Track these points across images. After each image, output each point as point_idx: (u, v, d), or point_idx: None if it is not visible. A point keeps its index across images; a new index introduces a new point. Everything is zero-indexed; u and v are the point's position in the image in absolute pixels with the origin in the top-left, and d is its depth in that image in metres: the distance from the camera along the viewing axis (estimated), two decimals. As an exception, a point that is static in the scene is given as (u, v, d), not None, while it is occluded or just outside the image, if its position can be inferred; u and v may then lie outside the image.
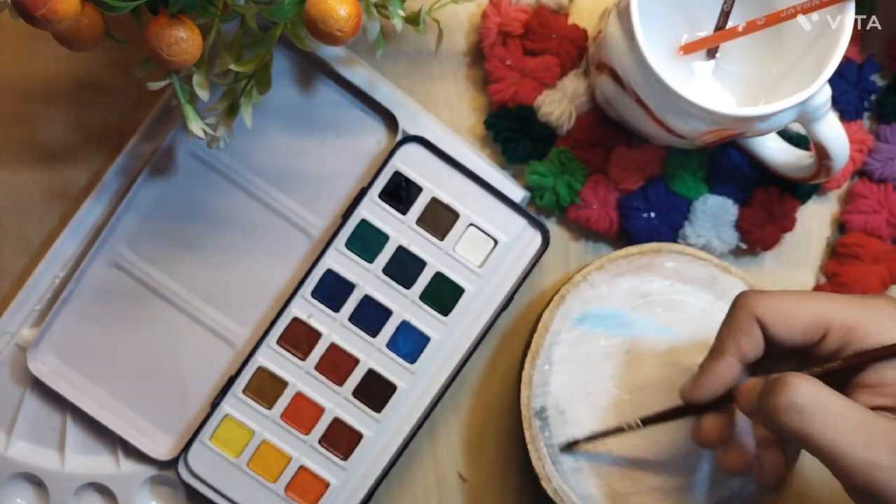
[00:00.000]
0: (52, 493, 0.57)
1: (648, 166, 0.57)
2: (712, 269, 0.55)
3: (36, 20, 0.42)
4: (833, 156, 0.51)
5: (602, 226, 0.57)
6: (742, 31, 0.50)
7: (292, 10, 0.47)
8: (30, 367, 0.57)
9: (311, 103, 0.57)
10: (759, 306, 0.46)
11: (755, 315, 0.46)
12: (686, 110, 0.48)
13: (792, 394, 0.42)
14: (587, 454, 0.55)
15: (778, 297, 0.46)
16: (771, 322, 0.46)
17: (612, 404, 0.55)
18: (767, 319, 0.46)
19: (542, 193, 0.57)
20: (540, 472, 0.55)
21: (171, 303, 0.58)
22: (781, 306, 0.46)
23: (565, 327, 0.55)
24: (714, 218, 0.57)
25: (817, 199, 0.59)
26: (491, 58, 0.57)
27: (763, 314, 0.46)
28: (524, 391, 0.55)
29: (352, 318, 0.56)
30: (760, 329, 0.46)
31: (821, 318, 0.45)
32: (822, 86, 0.48)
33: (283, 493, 0.56)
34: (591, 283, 0.55)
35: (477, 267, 0.56)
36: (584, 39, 0.57)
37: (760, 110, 0.48)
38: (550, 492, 0.55)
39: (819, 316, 0.45)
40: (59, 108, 0.59)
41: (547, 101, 0.56)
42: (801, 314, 0.45)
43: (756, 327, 0.46)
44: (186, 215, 0.57)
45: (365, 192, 0.55)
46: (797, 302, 0.46)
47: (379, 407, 0.56)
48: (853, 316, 0.45)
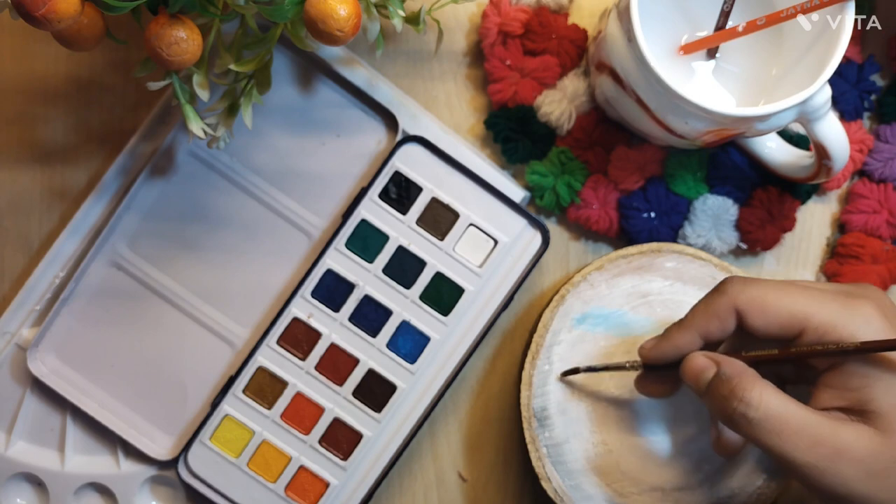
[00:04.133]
0: (52, 493, 0.57)
1: (648, 166, 0.57)
2: (712, 269, 0.55)
3: (36, 20, 0.42)
4: (833, 156, 0.51)
5: (602, 226, 0.57)
6: (742, 31, 0.50)
7: (292, 10, 0.47)
8: (30, 367, 0.57)
9: (310, 103, 0.57)
10: (741, 297, 0.47)
11: (735, 305, 0.47)
12: (686, 110, 0.48)
13: (745, 407, 0.44)
14: (588, 457, 0.55)
15: (761, 289, 0.47)
16: (749, 314, 0.46)
17: (613, 405, 0.55)
18: (746, 311, 0.47)
19: (542, 193, 0.57)
20: (540, 473, 0.55)
21: (171, 303, 0.58)
22: (763, 300, 0.46)
23: (565, 327, 0.55)
24: (714, 218, 0.57)
25: (817, 199, 0.59)
26: (491, 58, 0.57)
27: (743, 306, 0.46)
28: (524, 391, 0.55)
29: (352, 318, 0.56)
30: (738, 317, 0.47)
31: (799, 317, 0.46)
32: (822, 86, 0.48)
33: (283, 493, 0.56)
34: (591, 283, 0.55)
35: (477, 267, 0.56)
36: (584, 39, 0.57)
37: (760, 110, 0.48)
38: (550, 492, 0.55)
39: (798, 315, 0.46)
40: (59, 108, 0.59)
41: (547, 101, 0.56)
42: (780, 311, 0.46)
43: (732, 316, 0.47)
44: (186, 215, 0.57)
45: (365, 192, 0.55)
46: (779, 297, 0.46)
47: (379, 407, 0.56)
48: (831, 318, 0.45)
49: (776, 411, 0.44)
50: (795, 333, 0.46)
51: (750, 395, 0.44)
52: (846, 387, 0.45)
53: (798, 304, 0.46)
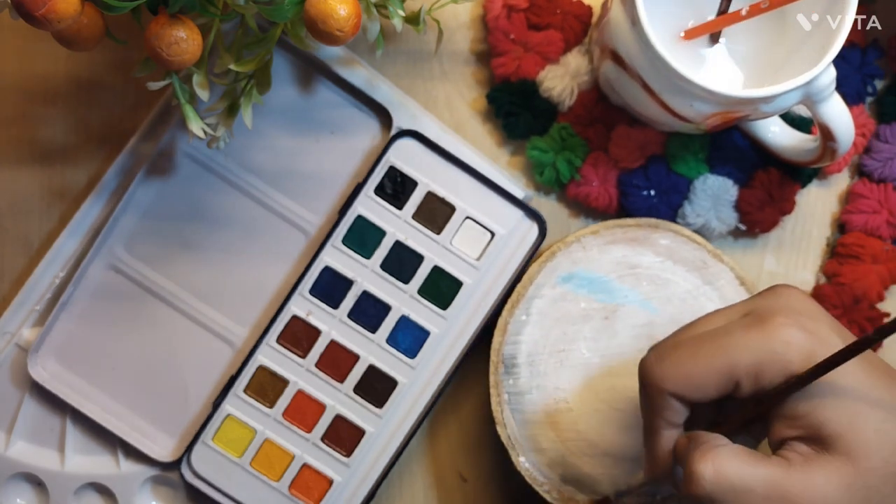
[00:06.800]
0: (52, 493, 0.57)
1: (649, 146, 0.56)
2: (704, 254, 0.55)
3: (36, 20, 0.43)
4: (838, 138, 0.51)
5: (601, 203, 0.57)
6: (745, 14, 0.50)
7: (292, 10, 0.47)
8: (31, 372, 0.56)
9: (307, 102, 0.57)
10: (667, 382, 0.45)
11: (665, 391, 0.45)
12: (691, 93, 0.48)
13: (698, 486, 0.43)
14: (548, 411, 0.55)
15: (680, 365, 0.45)
16: (682, 392, 0.45)
17: (582, 366, 0.55)
18: (678, 391, 0.45)
19: (542, 169, 0.57)
20: (497, 418, 0.55)
21: (169, 304, 0.58)
22: (686, 374, 0.45)
23: (549, 283, 0.55)
24: (714, 198, 0.56)
25: (817, 199, 0.59)
26: (495, 31, 0.56)
27: (672, 388, 0.45)
28: (497, 337, 0.55)
29: (351, 314, 0.56)
30: (676, 398, 0.45)
31: (724, 372, 0.44)
32: (826, 66, 0.48)
33: (287, 491, 0.56)
34: (584, 245, 0.55)
35: (474, 260, 0.56)
36: (588, 15, 0.57)
37: (766, 91, 0.47)
38: (504, 437, 0.55)
39: (723, 371, 0.44)
40: (59, 108, 0.59)
41: (549, 76, 0.56)
42: (705, 376, 0.44)
43: (671, 400, 0.45)
44: (183, 216, 0.57)
45: (360, 188, 0.55)
46: (697, 364, 0.44)
47: (380, 403, 0.56)
48: (753, 360, 0.43)
49: (737, 481, 0.42)
50: (732, 387, 0.44)
51: (702, 470, 0.43)
52: (795, 414, 0.43)
53: (717, 362, 0.44)
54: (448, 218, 0.56)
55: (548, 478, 0.55)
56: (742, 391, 0.44)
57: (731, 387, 0.44)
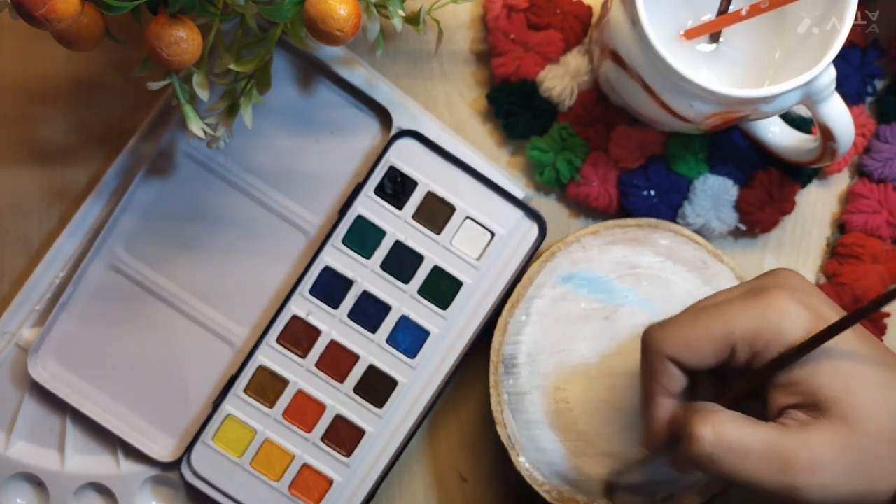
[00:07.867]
0: (52, 493, 0.57)
1: (649, 146, 0.56)
2: (704, 255, 0.55)
3: (36, 20, 0.43)
4: (838, 138, 0.51)
5: (601, 203, 0.57)
6: (745, 14, 0.50)
7: (292, 10, 0.47)
8: (31, 372, 0.56)
9: (307, 102, 0.57)
10: (665, 345, 0.47)
11: (664, 355, 0.47)
12: (691, 93, 0.48)
13: (698, 447, 0.44)
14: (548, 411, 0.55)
15: (678, 328, 0.47)
16: (680, 356, 0.46)
17: (582, 366, 0.55)
18: (676, 355, 0.46)
19: (542, 169, 0.57)
20: (497, 418, 0.55)
21: (169, 304, 0.58)
22: (685, 339, 0.46)
23: (549, 283, 0.55)
24: (714, 198, 0.56)
25: (817, 199, 0.59)
26: (495, 31, 0.56)
27: (671, 352, 0.47)
28: (497, 337, 0.55)
29: (351, 314, 0.56)
30: (675, 363, 0.47)
31: (721, 338, 0.46)
32: (826, 66, 0.48)
33: (287, 491, 0.56)
34: (584, 245, 0.55)
35: (474, 260, 0.56)
36: (588, 15, 0.57)
37: (766, 91, 0.48)
38: (504, 438, 0.55)
39: (719, 337, 0.46)
40: (59, 108, 0.59)
41: (549, 76, 0.56)
42: (704, 341, 0.46)
43: (670, 365, 0.47)
44: (183, 216, 0.57)
45: (360, 188, 0.55)
46: (696, 328, 0.46)
47: (380, 403, 0.56)
48: (750, 327, 0.45)
49: (736, 441, 0.44)
50: (728, 353, 0.46)
51: (702, 432, 0.44)
52: (792, 381, 0.45)
53: (715, 328, 0.46)
54: (448, 218, 0.56)
55: (548, 478, 0.55)
56: (738, 359, 0.46)
57: (727, 353, 0.46)
